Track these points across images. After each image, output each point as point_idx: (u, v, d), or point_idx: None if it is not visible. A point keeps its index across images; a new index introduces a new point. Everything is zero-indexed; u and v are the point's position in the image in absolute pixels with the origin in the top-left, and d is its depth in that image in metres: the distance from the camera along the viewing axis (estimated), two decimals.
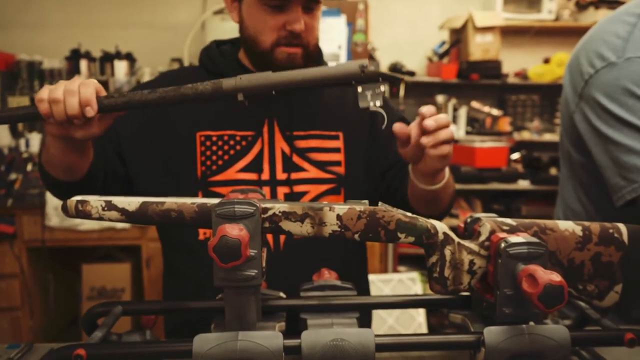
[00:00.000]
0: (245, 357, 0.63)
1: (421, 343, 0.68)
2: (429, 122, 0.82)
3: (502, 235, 0.69)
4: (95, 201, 0.69)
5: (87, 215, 0.69)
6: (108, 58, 3.12)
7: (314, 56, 1.04)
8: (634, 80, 0.95)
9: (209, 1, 3.26)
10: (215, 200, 0.68)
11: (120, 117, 1.04)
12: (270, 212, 0.69)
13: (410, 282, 2.69)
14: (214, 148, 1.02)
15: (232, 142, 1.02)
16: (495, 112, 3.26)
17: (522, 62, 3.36)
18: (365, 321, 0.96)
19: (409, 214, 0.71)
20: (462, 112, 3.22)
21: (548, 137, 3.24)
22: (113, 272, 2.87)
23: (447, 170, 0.96)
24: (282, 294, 0.83)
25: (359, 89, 0.72)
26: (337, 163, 1.05)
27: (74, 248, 2.86)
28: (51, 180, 0.95)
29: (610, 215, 0.94)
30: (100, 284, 2.85)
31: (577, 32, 3.43)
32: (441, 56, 3.23)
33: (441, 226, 0.71)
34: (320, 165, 1.04)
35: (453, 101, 3.25)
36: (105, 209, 0.69)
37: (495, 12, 3.13)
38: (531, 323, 0.68)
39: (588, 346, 0.70)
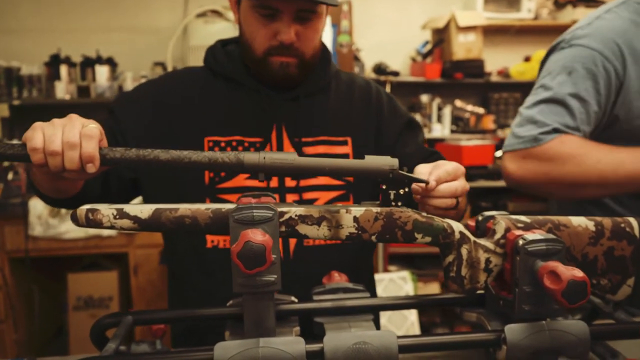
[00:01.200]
0: None
1: (443, 343, 0.68)
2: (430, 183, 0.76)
3: (518, 232, 0.69)
4: (106, 209, 0.67)
5: (98, 224, 0.67)
6: (89, 63, 3.06)
7: (313, 65, 1.03)
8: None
9: (190, 4, 3.23)
10: (230, 206, 0.67)
11: (127, 119, 1.01)
12: (286, 216, 0.68)
13: (402, 282, 2.70)
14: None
15: (240, 148, 1.00)
16: (479, 110, 3.30)
17: (503, 61, 3.41)
18: (375, 323, 0.96)
19: (425, 214, 0.71)
20: (447, 111, 3.25)
21: None
22: (100, 281, 2.81)
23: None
24: (293, 298, 0.82)
25: (383, 186, 0.71)
26: None
27: (58, 257, 2.80)
28: (41, 196, 0.92)
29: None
30: (86, 293, 2.79)
31: (555, 31, 3.50)
32: (424, 56, 3.25)
33: (457, 225, 0.71)
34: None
35: (437, 100, 3.28)
36: (117, 217, 0.67)
37: (477, 11, 3.16)
38: (548, 319, 0.69)
39: (605, 340, 0.71)
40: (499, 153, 3.18)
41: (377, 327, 1.11)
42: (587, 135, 1.08)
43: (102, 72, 3.04)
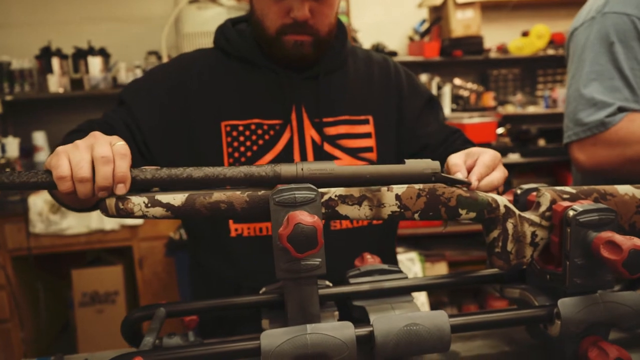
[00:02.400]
0: (318, 351, 0.60)
1: (494, 321, 0.66)
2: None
3: (565, 204, 0.67)
4: (137, 198, 0.63)
5: (129, 214, 0.64)
6: (81, 54, 2.99)
7: (328, 43, 0.99)
8: (600, 37, 1.06)
9: None
10: (264, 190, 0.64)
11: (140, 109, 0.97)
12: (326, 197, 0.65)
13: (410, 263, 2.69)
14: (241, 138, 0.96)
15: (259, 132, 0.96)
16: (478, 87, 3.27)
17: (501, 37, 3.37)
18: None
19: (468, 190, 0.68)
20: (447, 89, 3.21)
21: (532, 109, 3.27)
22: (105, 276, 2.78)
23: None
24: (328, 283, 0.79)
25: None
26: (369, 149, 1.01)
27: (61, 254, 2.76)
28: (62, 204, 0.88)
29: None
30: (92, 288, 2.76)
31: (553, 4, 3.48)
32: (422, 35, 3.21)
33: (502, 199, 0.69)
34: (352, 152, 1.00)
35: (436, 79, 3.24)
36: (149, 205, 0.63)
37: None
38: (599, 292, 0.67)
39: None
40: (500, 130, 3.16)
41: None
42: None
43: (95, 64, 2.98)
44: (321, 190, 0.64)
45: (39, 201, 2.57)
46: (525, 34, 3.30)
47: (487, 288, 2.96)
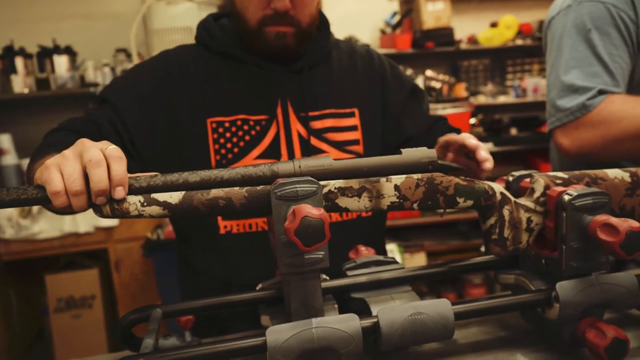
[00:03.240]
0: (324, 345, 0.59)
1: (495, 306, 0.67)
2: (487, 165, 0.76)
3: (559, 189, 0.68)
4: (132, 197, 0.62)
5: (125, 214, 0.62)
6: (46, 53, 2.89)
7: (310, 35, 0.98)
8: (576, 24, 1.08)
9: None
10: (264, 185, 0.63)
11: (124, 107, 0.94)
12: (325, 190, 0.64)
13: (389, 254, 2.71)
14: (228, 135, 0.95)
15: (246, 127, 0.95)
16: (450, 79, 3.31)
17: (470, 28, 3.41)
18: None
19: (464, 177, 0.69)
20: (419, 81, 3.24)
21: (502, 99, 3.33)
22: (80, 280, 2.71)
23: None
24: (325, 276, 0.79)
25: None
26: (356, 142, 1.01)
27: (33, 259, 2.68)
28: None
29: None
30: (67, 293, 2.69)
31: None
32: (394, 27, 3.22)
33: (497, 187, 0.70)
34: (339, 145, 0.99)
35: (409, 72, 3.27)
36: (145, 204, 0.62)
37: None
38: (594, 274, 0.69)
39: None
40: (473, 120, 3.21)
41: None
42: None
43: (61, 63, 2.89)
44: (321, 183, 0.64)
45: None
46: (494, 25, 3.35)
47: (464, 277, 3.01)
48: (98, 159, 0.58)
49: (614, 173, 0.73)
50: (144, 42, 3.00)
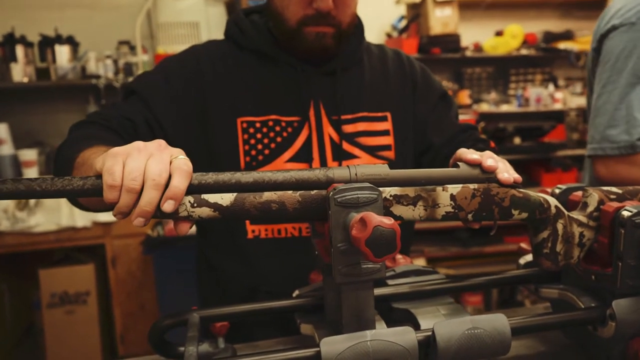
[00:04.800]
0: (379, 358, 0.57)
1: (550, 323, 0.65)
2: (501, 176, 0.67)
3: (614, 204, 0.67)
4: (184, 197, 0.59)
5: (172, 215, 0.59)
6: (47, 42, 2.83)
7: (349, 36, 0.96)
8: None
9: None
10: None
11: (158, 103, 0.91)
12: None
13: None
14: (259, 136, 0.92)
15: (277, 129, 0.92)
16: (453, 85, 3.31)
17: (475, 36, 3.42)
18: None
19: (520, 189, 0.67)
20: None
21: (505, 107, 3.33)
22: (75, 275, 2.66)
23: None
24: None
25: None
26: (387, 147, 0.99)
27: (27, 253, 2.62)
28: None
29: None
30: (61, 289, 2.63)
31: (524, 5, 3.55)
32: (401, 31, 3.21)
33: (552, 200, 0.68)
34: (371, 150, 0.97)
35: None
36: (195, 205, 0.59)
37: None
38: None
39: None
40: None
41: None
42: None
43: (62, 53, 2.83)
44: None
45: None
46: (499, 34, 3.36)
47: None
48: (160, 181, 0.54)
49: None
50: (149, 35, 2.96)
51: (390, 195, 0.63)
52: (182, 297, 2.39)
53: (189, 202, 0.59)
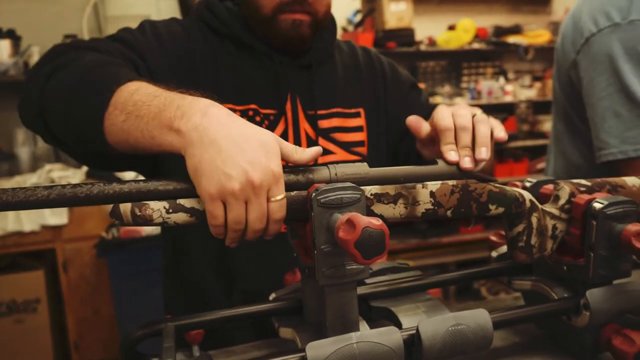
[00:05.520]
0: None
1: (528, 315, 0.66)
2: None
3: (585, 197, 0.68)
4: (156, 203, 0.56)
5: (147, 221, 0.56)
6: None
7: (324, 26, 0.94)
8: (633, 45, 1.00)
9: None
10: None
11: (150, 53, 0.84)
12: None
13: None
14: None
15: (257, 119, 0.89)
16: None
17: (428, 30, 3.47)
18: None
19: (497, 184, 0.68)
20: None
21: (458, 101, 3.41)
22: (24, 282, 2.52)
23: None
24: None
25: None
26: (361, 143, 0.98)
27: None
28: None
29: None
30: (8, 297, 2.50)
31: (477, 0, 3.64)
32: (356, 25, 3.22)
33: (527, 194, 0.69)
34: (346, 146, 0.96)
35: None
36: (170, 211, 0.56)
37: None
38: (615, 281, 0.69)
39: None
40: None
41: None
42: None
43: (3, 47, 2.67)
44: None
45: None
46: (451, 28, 3.42)
47: None
48: (260, 230, 0.58)
49: (631, 181, 0.74)
50: (97, 29, 2.84)
51: (371, 194, 0.62)
52: (139, 299, 2.33)
53: (164, 207, 0.56)
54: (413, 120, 0.77)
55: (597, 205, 0.65)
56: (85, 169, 2.55)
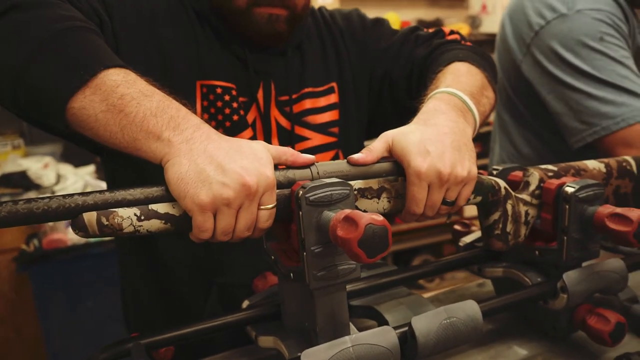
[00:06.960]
0: None
1: (512, 302, 0.66)
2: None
3: (554, 182, 0.70)
4: (125, 210, 0.50)
5: (116, 231, 0.50)
6: None
7: (302, 20, 0.87)
8: (585, 32, 1.04)
9: None
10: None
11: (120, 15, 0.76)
12: None
13: None
14: (219, 104, 0.81)
15: (235, 105, 0.82)
16: None
17: None
18: None
19: None
20: None
21: None
22: None
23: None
24: None
25: None
26: (336, 123, 0.92)
27: None
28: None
29: (567, 156, 1.03)
30: None
31: None
32: None
33: (501, 182, 0.69)
34: (321, 128, 0.90)
35: None
36: (142, 218, 0.51)
37: None
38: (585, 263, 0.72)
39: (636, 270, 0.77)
40: None
41: None
42: None
43: None
44: None
45: None
46: None
47: None
48: (248, 228, 0.55)
49: (592, 164, 0.77)
50: None
51: (356, 189, 0.59)
52: (68, 316, 2.16)
53: (135, 215, 0.50)
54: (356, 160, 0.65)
55: (569, 190, 0.67)
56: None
